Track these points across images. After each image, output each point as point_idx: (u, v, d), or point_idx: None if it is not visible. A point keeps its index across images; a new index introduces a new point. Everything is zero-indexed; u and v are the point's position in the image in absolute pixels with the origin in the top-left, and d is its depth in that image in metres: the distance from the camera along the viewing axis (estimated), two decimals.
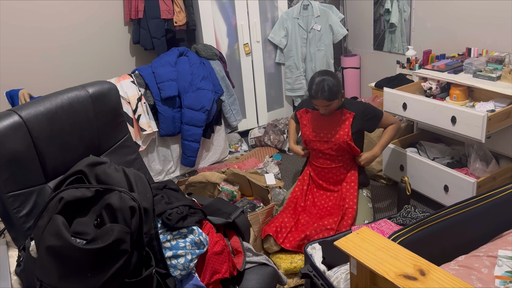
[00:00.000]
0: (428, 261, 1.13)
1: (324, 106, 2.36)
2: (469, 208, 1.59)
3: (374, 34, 4.07)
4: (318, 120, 2.51)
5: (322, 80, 2.31)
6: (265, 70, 4.15)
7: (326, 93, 2.29)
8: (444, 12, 3.34)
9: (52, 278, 1.21)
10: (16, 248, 1.60)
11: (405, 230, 1.48)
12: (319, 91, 2.30)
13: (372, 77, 4.00)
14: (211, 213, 1.75)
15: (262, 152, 3.80)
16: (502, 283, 1.34)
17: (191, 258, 1.48)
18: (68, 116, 1.67)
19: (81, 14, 3.71)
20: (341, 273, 1.67)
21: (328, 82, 2.30)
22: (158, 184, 1.74)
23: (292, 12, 4.02)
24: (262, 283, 1.65)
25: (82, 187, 1.36)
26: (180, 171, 3.58)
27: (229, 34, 3.90)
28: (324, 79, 2.31)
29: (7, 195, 1.51)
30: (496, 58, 2.67)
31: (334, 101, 2.35)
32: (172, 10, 3.68)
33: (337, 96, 2.35)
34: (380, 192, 3.08)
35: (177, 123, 3.32)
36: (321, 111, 2.41)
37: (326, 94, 2.30)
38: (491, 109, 2.43)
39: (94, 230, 1.27)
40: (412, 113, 2.70)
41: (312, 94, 2.33)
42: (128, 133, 1.97)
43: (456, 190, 2.51)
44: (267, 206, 2.46)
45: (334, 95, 2.32)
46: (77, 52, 3.78)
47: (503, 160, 2.66)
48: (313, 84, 2.33)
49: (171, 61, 3.32)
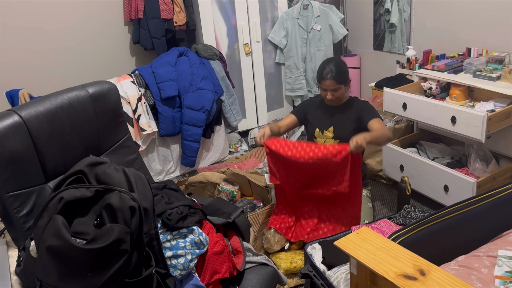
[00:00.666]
0: (428, 261, 1.13)
1: (332, 90, 2.37)
2: (469, 208, 1.59)
3: (374, 34, 4.07)
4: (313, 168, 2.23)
5: (332, 63, 2.37)
6: (265, 70, 4.15)
7: (336, 74, 2.33)
8: (444, 12, 3.34)
9: (52, 278, 1.21)
10: (16, 248, 1.60)
11: (405, 230, 1.48)
12: (330, 72, 2.34)
13: (372, 77, 4.00)
14: (211, 213, 1.75)
15: (262, 152, 3.80)
16: (502, 283, 1.34)
17: (191, 258, 1.48)
18: (68, 116, 1.67)
19: (81, 14, 3.71)
20: (341, 273, 1.67)
21: (338, 64, 2.37)
22: (158, 184, 1.74)
23: (292, 12, 4.02)
24: (262, 283, 1.65)
25: (82, 187, 1.36)
26: (180, 171, 3.58)
27: (229, 34, 3.90)
28: (334, 62, 2.38)
29: (7, 195, 1.51)
30: (496, 58, 2.67)
31: (341, 85, 2.38)
32: (172, 10, 3.68)
33: (346, 81, 2.40)
34: (380, 192, 3.08)
35: (177, 123, 3.32)
36: (328, 96, 2.40)
37: (335, 75, 2.33)
38: (491, 109, 2.43)
39: (94, 230, 1.27)
40: (412, 113, 2.70)
41: (323, 75, 2.36)
42: (128, 133, 1.97)
43: (456, 190, 2.51)
44: (267, 206, 2.46)
45: (343, 77, 2.37)
46: (77, 52, 3.78)
47: (503, 160, 2.67)
48: (323, 66, 2.38)
49: (171, 61, 3.32)
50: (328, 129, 2.48)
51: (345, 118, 2.45)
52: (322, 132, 2.50)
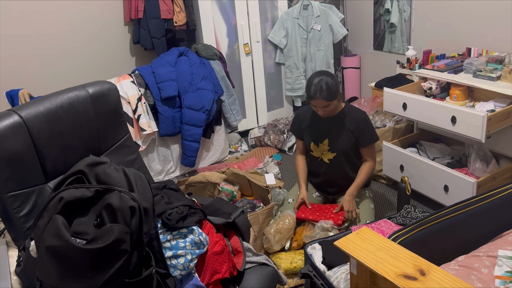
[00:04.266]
0: (428, 261, 1.13)
1: (323, 107, 2.33)
2: (469, 208, 1.59)
3: (374, 34, 4.07)
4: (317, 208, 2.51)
5: (320, 80, 2.28)
6: (265, 70, 4.15)
7: (325, 92, 2.26)
8: (444, 12, 3.34)
9: (52, 278, 1.21)
10: (16, 248, 1.60)
11: (405, 230, 1.48)
12: (318, 91, 2.27)
13: (372, 77, 4.00)
14: (211, 213, 1.75)
15: (262, 152, 3.80)
16: (502, 283, 1.34)
17: (191, 258, 1.48)
18: (68, 116, 1.67)
19: (81, 15, 3.71)
20: (341, 273, 1.67)
21: (326, 82, 2.28)
22: (158, 184, 1.74)
23: (292, 12, 4.02)
24: (262, 283, 1.65)
25: (82, 187, 1.36)
26: (180, 171, 3.58)
27: (229, 34, 3.90)
28: (322, 79, 2.29)
29: (7, 195, 1.51)
30: (496, 58, 2.67)
31: (332, 101, 2.32)
32: (172, 10, 3.68)
33: (336, 96, 2.33)
34: (380, 192, 3.09)
35: (177, 123, 3.32)
36: (320, 112, 2.37)
37: (324, 94, 2.27)
38: (491, 109, 2.43)
39: (94, 230, 1.27)
40: (412, 113, 2.70)
41: (311, 95, 2.30)
42: (128, 133, 1.97)
43: (456, 190, 2.51)
44: (267, 206, 2.46)
45: (332, 95, 2.30)
46: (77, 52, 3.78)
47: (503, 160, 2.67)
48: (311, 84, 2.31)
49: (171, 61, 3.32)
50: (323, 141, 2.46)
51: (340, 130, 2.43)
52: (317, 145, 2.48)
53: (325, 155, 2.48)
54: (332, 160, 2.47)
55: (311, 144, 2.50)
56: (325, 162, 2.50)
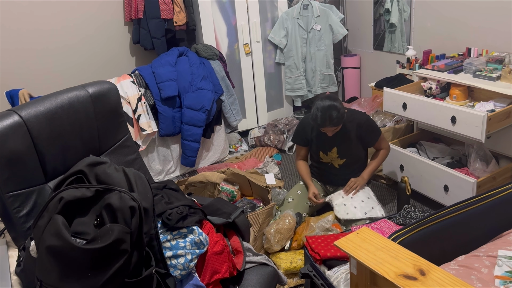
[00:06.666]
0: (428, 261, 1.13)
1: (333, 130, 2.39)
2: (469, 208, 1.59)
3: (374, 34, 4.07)
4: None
5: (327, 108, 2.28)
6: (265, 70, 4.15)
7: (335, 120, 2.29)
8: (444, 12, 3.34)
9: (52, 278, 1.21)
10: (16, 248, 1.59)
11: (405, 230, 1.48)
12: (327, 120, 2.29)
13: (372, 77, 4.00)
14: (211, 213, 1.75)
15: (262, 152, 3.80)
16: (502, 283, 1.34)
17: (191, 258, 1.48)
18: (68, 116, 1.67)
19: (81, 14, 3.71)
20: (341, 273, 1.68)
21: (334, 110, 2.28)
22: (158, 184, 1.74)
23: (292, 12, 4.02)
24: (262, 283, 1.65)
25: (82, 187, 1.36)
26: (180, 171, 3.58)
27: (229, 34, 3.90)
28: (330, 107, 2.28)
29: (7, 195, 1.51)
30: (496, 58, 2.67)
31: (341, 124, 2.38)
32: (172, 10, 3.68)
33: (344, 118, 2.36)
34: (380, 192, 3.09)
35: (177, 123, 3.32)
36: (329, 134, 2.43)
37: (334, 121, 2.30)
38: (491, 109, 2.43)
39: (94, 230, 1.27)
40: (412, 113, 2.70)
41: (319, 123, 2.32)
42: (128, 133, 1.97)
43: (456, 190, 2.51)
44: (267, 206, 2.46)
45: (341, 120, 2.33)
46: (77, 52, 3.78)
47: (503, 160, 2.67)
48: (318, 112, 2.30)
49: (171, 61, 3.32)
50: (332, 150, 2.53)
51: (347, 138, 2.49)
52: (326, 154, 2.56)
53: (335, 161, 2.57)
54: (342, 166, 2.57)
55: (320, 153, 2.57)
56: (335, 167, 2.59)
